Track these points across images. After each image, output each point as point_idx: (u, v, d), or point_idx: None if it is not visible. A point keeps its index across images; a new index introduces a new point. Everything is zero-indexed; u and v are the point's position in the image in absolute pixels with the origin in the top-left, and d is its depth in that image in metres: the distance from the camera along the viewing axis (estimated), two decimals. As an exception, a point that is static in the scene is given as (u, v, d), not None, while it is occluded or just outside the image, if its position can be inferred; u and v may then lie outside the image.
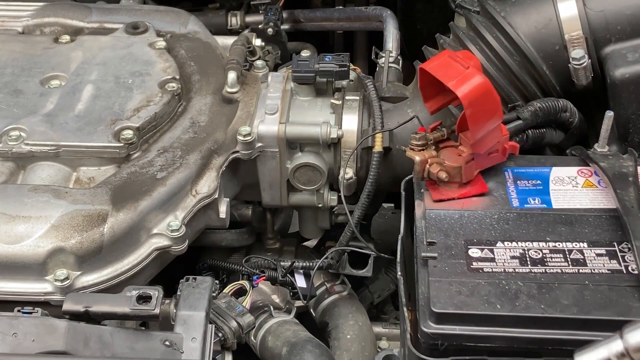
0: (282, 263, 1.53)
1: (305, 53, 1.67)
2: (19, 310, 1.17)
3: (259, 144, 1.50)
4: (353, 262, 1.57)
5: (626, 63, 1.41)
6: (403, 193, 1.35)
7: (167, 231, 1.37)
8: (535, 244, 1.20)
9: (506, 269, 1.16)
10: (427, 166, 1.29)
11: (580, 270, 1.15)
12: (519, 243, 1.20)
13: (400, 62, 1.73)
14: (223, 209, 1.47)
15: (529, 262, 1.17)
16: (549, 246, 1.19)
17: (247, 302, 1.40)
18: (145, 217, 1.36)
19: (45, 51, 1.62)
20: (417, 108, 1.51)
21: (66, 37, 1.67)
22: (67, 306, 1.19)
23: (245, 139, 1.47)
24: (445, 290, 1.13)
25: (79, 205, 1.33)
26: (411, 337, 1.16)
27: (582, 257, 1.17)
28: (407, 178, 1.36)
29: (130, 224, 1.34)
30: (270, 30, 1.90)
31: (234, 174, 1.53)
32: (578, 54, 1.41)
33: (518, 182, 1.31)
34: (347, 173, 1.51)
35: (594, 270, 1.15)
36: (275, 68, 1.79)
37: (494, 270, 1.16)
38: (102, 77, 1.56)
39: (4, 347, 1.11)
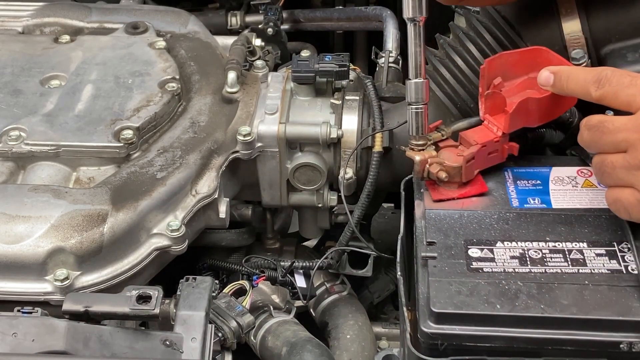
0: (282, 263, 1.52)
1: (305, 53, 1.67)
2: (18, 310, 1.17)
3: (259, 144, 1.50)
4: (353, 262, 1.57)
5: (626, 63, 1.40)
6: (403, 193, 1.35)
7: (167, 231, 1.37)
8: (535, 244, 1.20)
9: (506, 269, 1.16)
10: (427, 166, 1.29)
11: (580, 270, 1.15)
12: (519, 243, 1.20)
13: (400, 62, 1.73)
14: (223, 209, 1.47)
15: (528, 262, 1.17)
16: (548, 246, 1.19)
17: (247, 302, 1.40)
18: (145, 217, 1.36)
19: (45, 51, 1.62)
20: (417, 108, 1.51)
21: (66, 37, 1.67)
22: (67, 306, 1.19)
23: (245, 138, 1.47)
24: (445, 290, 1.13)
25: (78, 205, 1.33)
26: (411, 337, 1.15)
27: (581, 257, 1.17)
28: (407, 178, 1.35)
29: (130, 224, 1.34)
30: (270, 30, 1.90)
31: (233, 174, 1.53)
32: (578, 54, 1.40)
33: (518, 182, 1.31)
34: (347, 173, 1.51)
35: (593, 270, 1.15)
36: (275, 68, 1.79)
37: (493, 270, 1.16)
38: (102, 77, 1.56)
39: (3, 347, 1.11)
